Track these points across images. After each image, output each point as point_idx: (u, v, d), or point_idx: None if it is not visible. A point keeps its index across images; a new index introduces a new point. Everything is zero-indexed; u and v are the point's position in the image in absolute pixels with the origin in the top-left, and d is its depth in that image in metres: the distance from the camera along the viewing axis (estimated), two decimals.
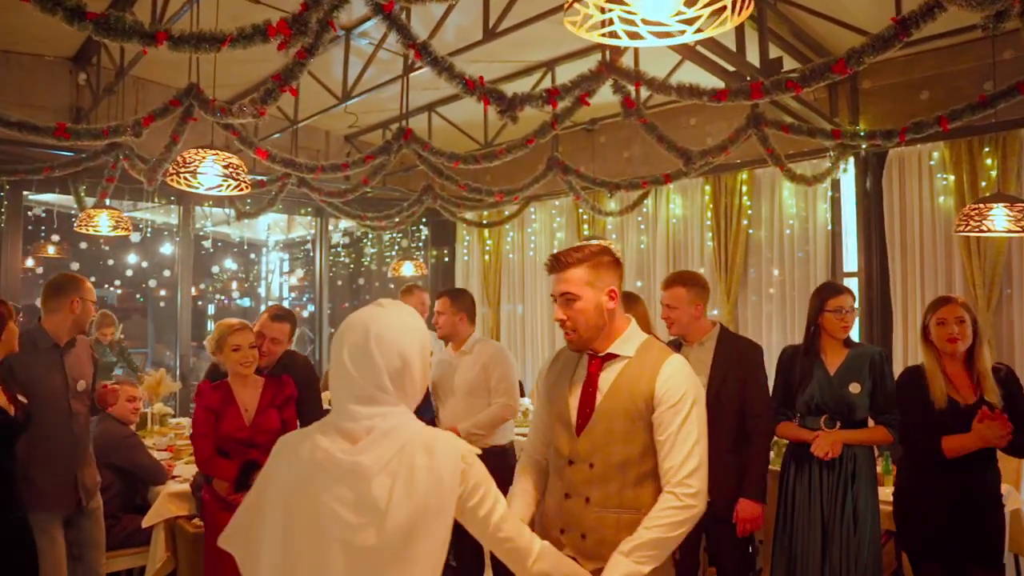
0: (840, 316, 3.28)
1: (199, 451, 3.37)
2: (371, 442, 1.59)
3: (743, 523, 3.23)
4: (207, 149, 3.85)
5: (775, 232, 6.59)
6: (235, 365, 3.40)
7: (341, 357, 1.64)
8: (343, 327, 1.68)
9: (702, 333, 3.43)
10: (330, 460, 1.58)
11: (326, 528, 1.55)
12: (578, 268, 2.12)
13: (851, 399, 3.22)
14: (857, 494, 3.18)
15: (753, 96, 3.32)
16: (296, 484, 1.60)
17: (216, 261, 10.59)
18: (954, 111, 4.07)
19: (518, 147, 4.58)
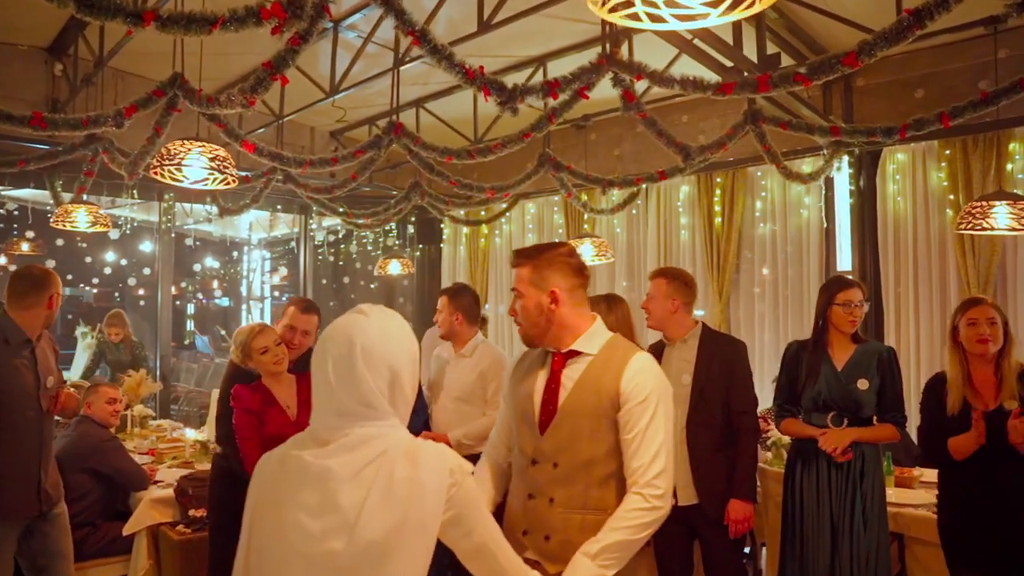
0: (849, 310, 3.20)
1: (248, 455, 3.19)
2: (342, 446, 1.47)
3: (735, 524, 3.17)
4: (193, 140, 3.70)
5: (767, 231, 6.54)
6: (268, 366, 3.30)
7: (325, 371, 1.52)
8: (324, 338, 1.57)
9: (684, 331, 3.37)
10: (299, 465, 1.48)
11: (289, 539, 1.45)
12: (524, 267, 2.18)
13: (859, 396, 3.15)
14: (866, 493, 3.11)
15: (760, 89, 3.24)
16: (264, 496, 1.52)
17: (197, 259, 10.38)
18: (956, 108, 4.02)
19: (514, 141, 4.47)
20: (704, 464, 3.21)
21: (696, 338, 3.35)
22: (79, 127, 3.89)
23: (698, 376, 3.25)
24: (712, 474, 3.21)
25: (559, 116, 4.20)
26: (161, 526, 3.95)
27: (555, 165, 5.90)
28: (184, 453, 4.82)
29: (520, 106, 3.61)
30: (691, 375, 3.26)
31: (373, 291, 10.69)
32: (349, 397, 1.49)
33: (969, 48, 5.26)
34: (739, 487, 3.18)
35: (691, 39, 4.43)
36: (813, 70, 3.02)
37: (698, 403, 3.24)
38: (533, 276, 2.15)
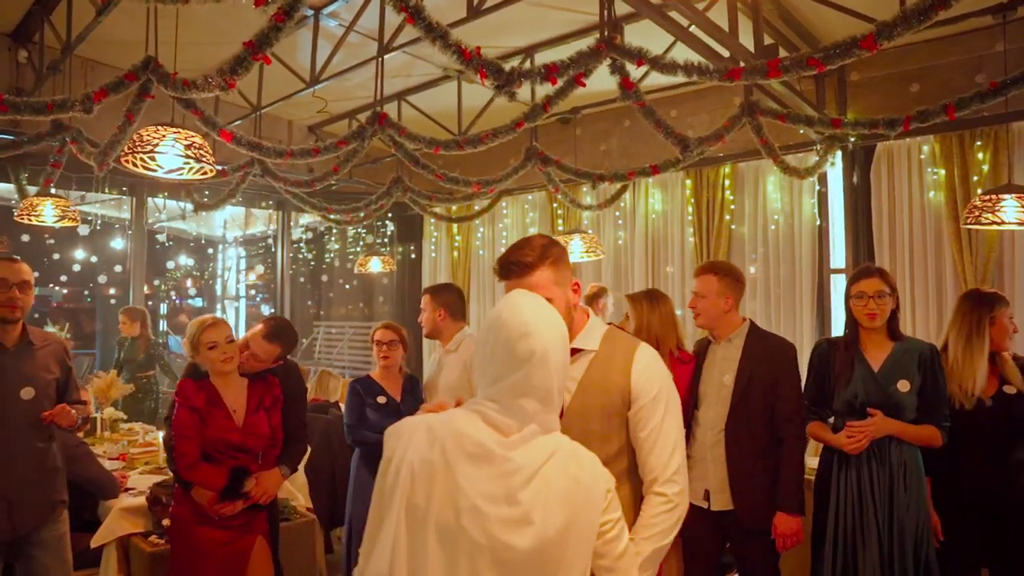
0: (863, 302, 3.02)
1: (183, 455, 2.99)
2: (523, 440, 1.46)
3: (782, 538, 2.98)
4: (167, 127, 3.47)
5: (759, 227, 6.42)
6: (215, 363, 3.07)
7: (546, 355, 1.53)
8: (535, 321, 1.55)
9: (731, 329, 3.20)
10: (480, 448, 1.44)
11: (463, 523, 1.39)
12: (543, 270, 1.89)
13: (899, 398, 2.95)
14: (910, 500, 2.91)
15: (771, 75, 3.08)
16: (428, 467, 1.43)
17: (170, 257, 10.07)
18: (961, 99, 3.91)
19: (505, 131, 4.30)
20: (742, 470, 3.03)
21: (742, 337, 3.17)
22: (44, 111, 3.64)
23: (741, 377, 3.08)
24: (750, 481, 3.03)
25: (554, 105, 4.02)
26: (132, 537, 3.72)
27: (542, 159, 5.74)
28: (158, 458, 4.58)
29: (508, 99, 3.44)
30: (733, 375, 3.08)
31: (352, 290, 10.46)
32: (543, 400, 1.50)
33: (965, 42, 5.18)
34: (786, 499, 2.98)
35: (688, 26, 4.28)
36: (828, 54, 2.87)
37: (739, 405, 3.06)
38: (556, 276, 1.91)
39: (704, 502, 3.10)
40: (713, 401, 3.14)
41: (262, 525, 3.15)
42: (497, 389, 1.50)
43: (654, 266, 7.05)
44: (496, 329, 1.55)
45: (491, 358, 1.53)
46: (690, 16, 4.12)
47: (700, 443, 3.15)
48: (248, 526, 3.07)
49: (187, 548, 3.00)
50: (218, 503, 2.97)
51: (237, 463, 3.00)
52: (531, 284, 1.86)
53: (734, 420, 3.06)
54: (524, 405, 1.48)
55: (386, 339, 3.85)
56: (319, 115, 7.46)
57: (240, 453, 3.03)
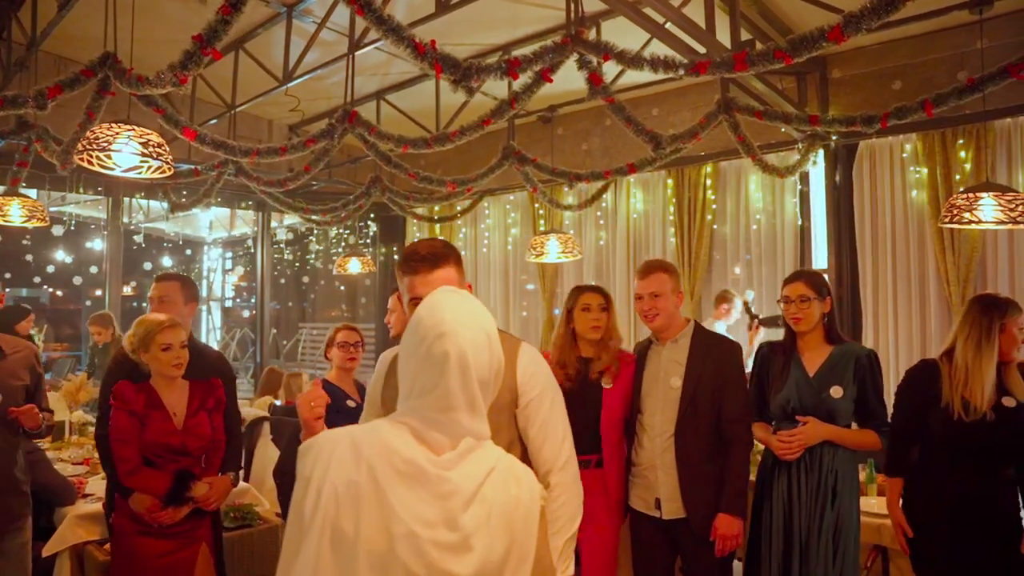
0: (788, 307, 2.97)
1: (123, 460, 2.87)
2: (459, 457, 1.34)
3: (723, 540, 2.88)
4: (121, 124, 3.37)
5: (741, 227, 6.34)
6: (166, 367, 2.95)
7: (464, 359, 1.37)
8: (452, 321, 1.39)
9: (677, 329, 3.08)
10: (414, 468, 1.31)
11: (398, 552, 1.27)
12: (449, 266, 1.94)
13: (832, 404, 2.88)
14: (840, 508, 2.85)
15: (736, 68, 3.00)
16: (354, 489, 1.29)
17: (150, 258, 9.95)
18: (939, 95, 3.84)
19: (473, 129, 4.20)
20: (693, 475, 2.92)
21: (688, 338, 3.05)
22: None
23: (689, 379, 2.96)
24: (701, 486, 2.92)
25: (521, 102, 3.92)
26: (87, 545, 3.61)
27: (520, 158, 5.65)
28: None
29: (485, 97, 3.36)
30: (681, 378, 2.98)
31: (335, 291, 10.37)
32: (470, 409, 1.38)
33: (947, 39, 5.11)
34: (729, 500, 2.88)
35: (663, 23, 4.20)
36: (795, 46, 2.78)
37: (688, 409, 2.94)
38: (459, 275, 1.99)
39: (656, 511, 2.98)
40: (660, 405, 3.01)
41: (206, 532, 3.05)
42: (422, 402, 1.38)
43: (636, 266, 6.94)
44: (415, 332, 1.42)
45: (409, 364, 1.41)
46: (665, 12, 4.03)
47: (648, 450, 3.02)
48: (192, 534, 2.96)
49: (129, 560, 2.89)
50: (161, 509, 2.86)
51: (178, 467, 2.90)
52: (440, 277, 1.89)
53: (683, 425, 2.94)
54: (453, 418, 1.37)
55: (352, 340, 3.75)
56: (296, 114, 7.36)
57: (180, 456, 2.93)
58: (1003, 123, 4.97)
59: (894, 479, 2.97)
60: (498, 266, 8.13)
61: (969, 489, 2.75)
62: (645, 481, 3.02)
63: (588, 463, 2.95)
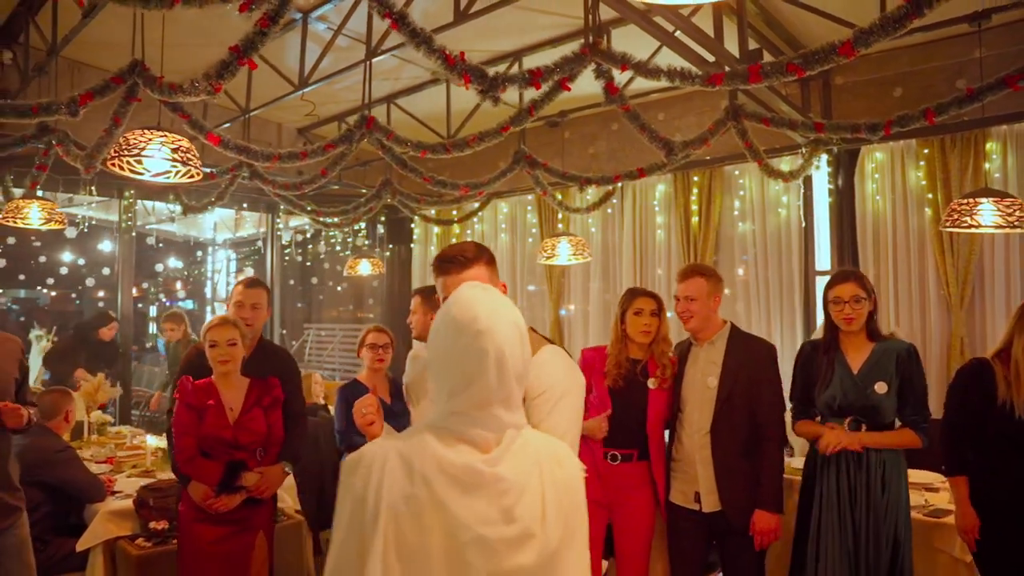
0: (840, 308, 3.05)
1: (180, 450, 3.08)
2: (505, 451, 1.39)
3: (760, 535, 3.03)
4: (154, 130, 3.48)
5: (745, 230, 6.47)
6: (213, 363, 3.16)
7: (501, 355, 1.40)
8: (487, 318, 1.42)
9: (713, 331, 3.23)
10: (468, 471, 1.34)
11: (468, 558, 1.31)
12: (479, 267, 2.00)
13: (876, 400, 2.98)
14: (891, 507, 2.94)
15: (751, 80, 3.12)
16: (414, 503, 1.32)
17: (159, 260, 10.05)
18: (940, 104, 3.96)
19: (491, 135, 4.32)
20: (729, 471, 3.07)
21: (724, 339, 3.20)
22: (28, 114, 3.65)
23: (725, 379, 3.10)
24: (737, 481, 3.06)
25: (539, 108, 4.05)
26: (119, 540, 3.73)
27: (530, 162, 5.77)
28: (145, 461, 4.58)
29: (492, 104, 3.47)
30: (717, 378, 3.11)
31: (342, 292, 10.46)
32: (506, 404, 1.41)
33: (946, 47, 5.24)
34: (765, 497, 3.02)
35: (673, 31, 4.33)
36: (807, 60, 2.91)
37: (724, 407, 3.09)
38: (490, 274, 2.05)
39: (695, 504, 3.13)
40: (697, 404, 3.17)
41: (263, 522, 3.21)
42: (459, 400, 1.41)
43: (642, 268, 7.08)
44: (447, 330, 1.44)
45: (446, 364, 1.43)
46: (675, 21, 4.16)
47: (687, 446, 3.18)
48: (248, 522, 3.13)
49: (191, 546, 3.07)
50: (215, 497, 3.02)
51: (233, 458, 3.06)
52: (470, 277, 1.95)
53: (719, 422, 3.09)
54: (491, 413, 1.41)
55: (380, 342, 3.88)
56: (308, 118, 7.46)
57: (234, 450, 3.08)
58: (999, 130, 5.12)
59: (957, 478, 2.94)
60: (505, 267, 8.25)
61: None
62: (685, 476, 3.16)
63: (630, 456, 3.17)
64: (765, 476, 3.03)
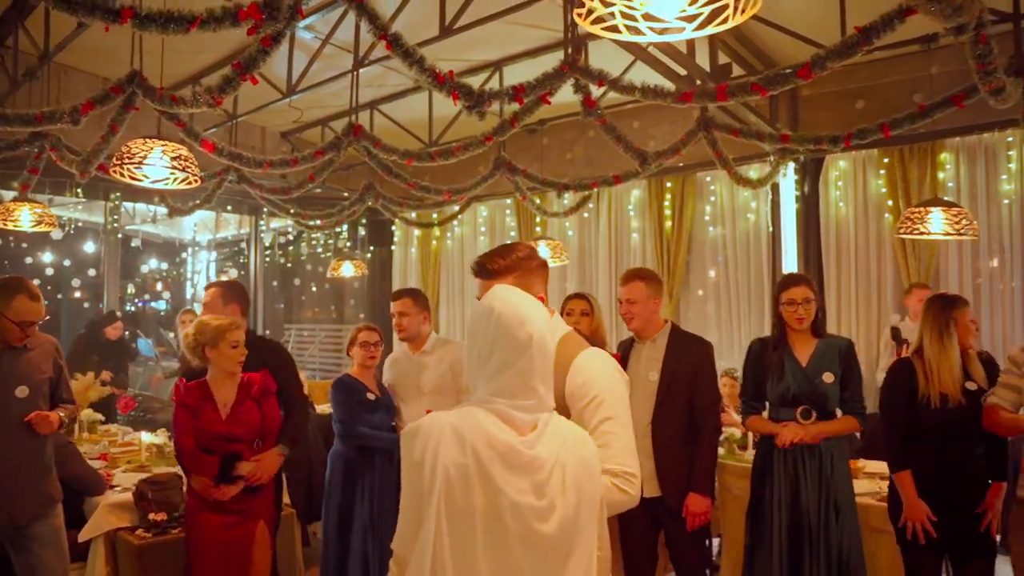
0: (793, 308, 3.32)
1: (180, 447, 3.28)
2: (540, 434, 1.62)
3: (692, 516, 3.27)
4: (155, 139, 3.65)
5: (717, 234, 6.75)
6: (232, 362, 3.27)
7: (543, 340, 1.66)
8: (528, 311, 1.67)
9: (655, 330, 3.47)
10: (510, 450, 1.57)
11: (505, 521, 1.54)
12: (508, 277, 2.02)
13: (824, 389, 3.26)
14: (838, 487, 3.22)
15: (719, 98, 3.38)
16: (464, 471, 1.54)
17: (140, 261, 10.12)
18: (895, 119, 4.26)
19: (475, 144, 4.54)
20: (667, 458, 3.31)
21: (665, 337, 3.45)
22: (33, 123, 3.80)
23: (665, 374, 3.35)
24: (675, 468, 3.30)
25: (521, 121, 4.28)
26: (119, 531, 3.87)
27: (510, 169, 5.98)
28: (139, 457, 4.72)
29: (482, 117, 3.69)
30: (658, 372, 3.35)
31: (323, 293, 10.61)
32: (543, 381, 1.65)
33: (905, 63, 5.55)
34: (698, 481, 3.28)
35: (646, 46, 4.57)
36: (769, 81, 3.17)
37: (664, 399, 3.33)
38: (519, 282, 2.02)
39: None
40: (640, 397, 3.38)
41: (264, 510, 3.38)
42: (505, 378, 1.62)
43: (618, 271, 7.33)
44: (492, 321, 1.65)
45: (492, 350, 1.64)
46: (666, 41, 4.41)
47: None
48: (251, 510, 3.30)
49: (197, 535, 3.25)
50: (215, 487, 3.20)
51: (230, 451, 3.23)
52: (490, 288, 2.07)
53: (659, 413, 3.34)
54: (535, 387, 1.63)
55: (372, 340, 4.06)
56: (292, 123, 7.62)
57: (229, 443, 3.25)
58: (953, 141, 5.45)
59: (902, 473, 3.14)
60: None
61: (950, 471, 3.07)
62: None
63: None
64: (699, 463, 3.29)
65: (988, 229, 5.43)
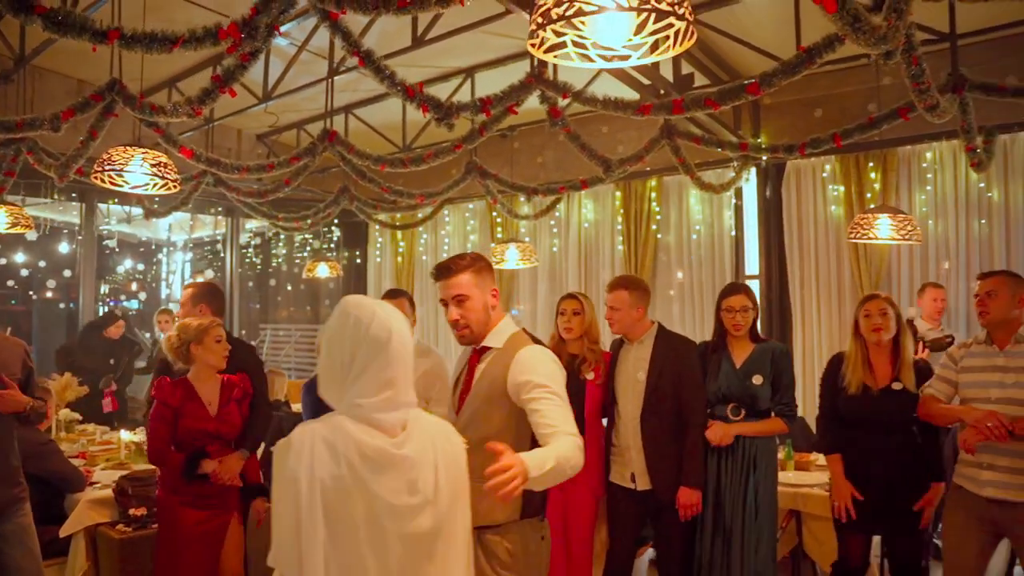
0: (731, 315, 3.57)
1: (152, 441, 3.36)
2: (409, 434, 1.72)
3: (684, 508, 3.46)
4: (134, 147, 3.77)
5: (683, 237, 6.97)
6: (218, 358, 3.39)
7: (402, 336, 1.73)
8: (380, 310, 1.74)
9: (642, 332, 3.66)
10: (382, 454, 1.64)
11: (382, 522, 1.61)
12: (465, 273, 2.43)
13: (754, 390, 3.52)
14: (758, 483, 3.46)
15: (675, 111, 3.58)
16: (340, 482, 1.59)
17: (116, 262, 10.15)
18: (846, 130, 4.50)
19: (446, 151, 4.70)
20: (658, 454, 3.50)
21: (652, 338, 3.63)
22: (13, 129, 3.90)
23: (652, 373, 3.53)
24: (665, 463, 3.49)
25: (489, 130, 4.45)
26: (100, 526, 3.99)
27: (482, 173, 6.15)
28: (118, 455, 4.83)
29: (451, 128, 3.86)
30: (645, 372, 3.54)
31: (299, 294, 10.70)
32: (409, 386, 1.75)
33: (859, 74, 5.78)
34: (687, 475, 3.46)
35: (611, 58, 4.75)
36: (721, 96, 3.38)
37: (651, 397, 3.52)
38: (476, 279, 2.45)
39: (631, 484, 3.57)
40: (629, 395, 3.61)
41: (235, 503, 3.51)
42: (369, 377, 1.67)
43: (587, 273, 7.54)
44: (350, 325, 1.71)
45: (354, 353, 1.69)
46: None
47: (622, 433, 3.62)
48: (225, 505, 3.43)
49: (171, 530, 3.36)
50: (186, 483, 3.32)
51: (214, 449, 3.36)
52: (456, 282, 2.41)
53: (648, 411, 3.52)
54: (397, 382, 1.70)
55: None
56: (269, 126, 7.72)
57: (216, 440, 3.38)
58: (904, 150, 5.72)
59: (832, 456, 3.46)
60: None
61: (873, 455, 3.35)
62: (622, 459, 3.61)
63: None
64: (687, 458, 3.48)
65: (936, 234, 5.70)
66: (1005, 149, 5.45)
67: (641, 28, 1.97)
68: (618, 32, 1.97)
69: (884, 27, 2.45)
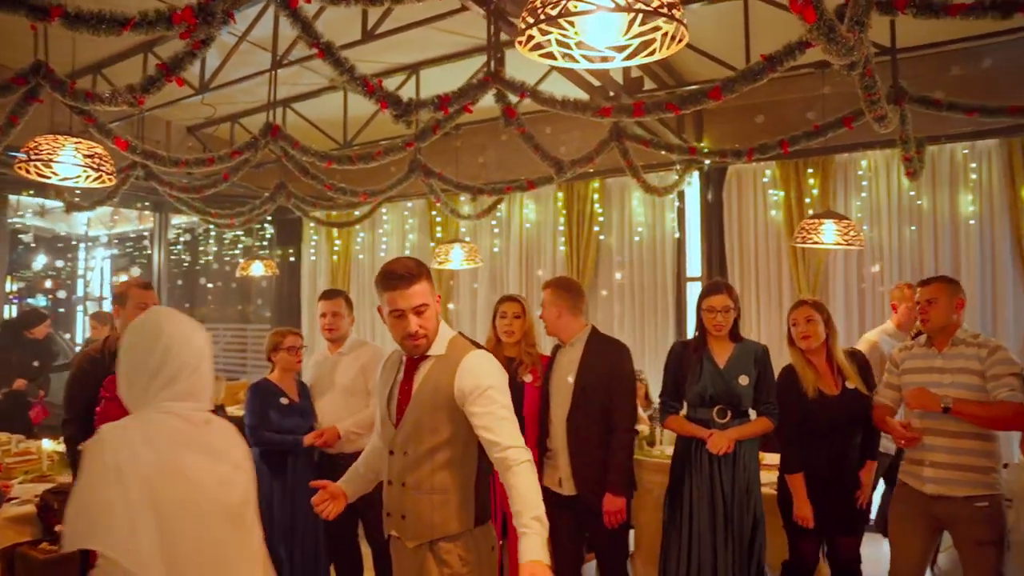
0: (712, 315, 3.54)
1: None
2: (209, 422, 1.91)
3: (608, 515, 3.42)
4: (67, 136, 3.52)
5: (625, 239, 7.02)
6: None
7: (204, 359, 1.92)
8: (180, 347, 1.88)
9: (572, 335, 3.63)
10: (191, 439, 1.84)
11: (200, 503, 1.80)
12: (422, 281, 2.33)
13: (740, 391, 3.48)
14: (749, 481, 3.45)
15: (635, 114, 3.58)
16: (159, 465, 1.75)
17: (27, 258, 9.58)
18: (793, 136, 4.60)
19: (397, 149, 4.58)
20: (584, 459, 3.45)
21: (583, 341, 3.60)
22: None
23: (580, 376, 3.49)
24: (591, 468, 3.44)
25: (444, 128, 4.35)
26: (19, 547, 3.70)
27: (426, 171, 6.03)
28: (40, 466, 4.52)
29: (409, 125, 3.76)
30: (575, 374, 3.50)
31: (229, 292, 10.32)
32: (209, 385, 1.94)
33: (800, 82, 5.93)
34: (613, 481, 3.41)
35: None
36: (682, 100, 3.38)
37: (579, 400, 3.47)
38: (430, 287, 2.36)
39: (559, 487, 3.53)
40: (559, 399, 3.57)
41: None
42: (181, 384, 1.86)
43: (528, 273, 7.51)
44: (164, 337, 1.88)
45: (165, 361, 1.86)
46: None
47: (553, 437, 3.59)
48: None
49: None
50: None
51: None
52: (416, 291, 2.30)
53: (575, 414, 3.49)
54: (205, 390, 1.93)
55: (298, 344, 4.05)
56: (196, 116, 7.40)
57: None
58: (842, 157, 5.90)
59: (794, 476, 3.45)
60: None
61: (828, 459, 3.43)
62: (553, 462, 3.57)
63: None
64: (614, 463, 3.42)
65: (870, 239, 5.90)
66: (933, 160, 5.68)
67: (627, 30, 1.94)
68: (608, 33, 1.93)
69: (851, 38, 2.49)
